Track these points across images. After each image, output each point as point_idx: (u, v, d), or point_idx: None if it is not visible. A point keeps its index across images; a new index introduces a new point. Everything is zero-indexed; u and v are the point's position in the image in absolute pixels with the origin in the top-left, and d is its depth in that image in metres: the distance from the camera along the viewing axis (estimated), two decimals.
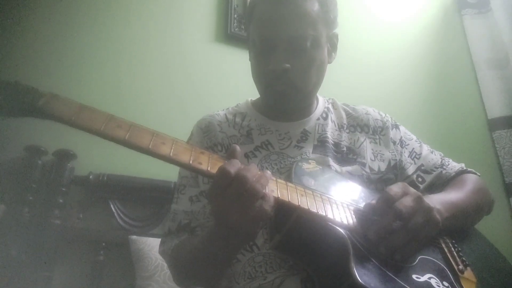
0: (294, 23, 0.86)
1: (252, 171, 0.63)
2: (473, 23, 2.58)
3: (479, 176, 1.03)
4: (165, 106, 1.72)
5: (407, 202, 0.70)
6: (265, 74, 0.91)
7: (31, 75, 1.47)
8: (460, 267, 0.79)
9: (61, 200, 1.39)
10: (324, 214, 0.68)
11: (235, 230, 0.64)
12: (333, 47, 0.98)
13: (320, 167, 0.83)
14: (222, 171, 0.61)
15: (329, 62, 0.97)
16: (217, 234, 0.69)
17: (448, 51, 2.54)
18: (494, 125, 2.39)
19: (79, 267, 1.41)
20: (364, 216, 0.73)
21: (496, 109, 2.39)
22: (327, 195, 0.73)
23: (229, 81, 1.85)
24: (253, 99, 1.05)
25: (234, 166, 0.62)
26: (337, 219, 0.69)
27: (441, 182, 1.00)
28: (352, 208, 0.75)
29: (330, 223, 0.68)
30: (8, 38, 1.52)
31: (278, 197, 0.65)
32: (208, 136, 0.96)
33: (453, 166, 1.03)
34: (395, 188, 0.73)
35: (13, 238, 1.28)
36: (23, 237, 1.30)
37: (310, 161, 0.83)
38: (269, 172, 0.66)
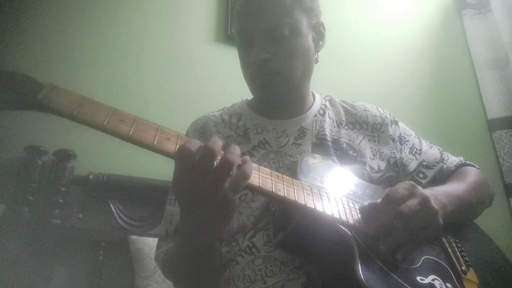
0: (268, 13, 0.87)
1: (217, 144, 0.57)
2: (473, 23, 2.57)
3: (478, 169, 1.03)
4: (165, 106, 1.72)
5: (412, 205, 0.68)
6: (249, 68, 0.91)
7: (35, 73, 1.47)
8: (463, 267, 0.78)
9: (61, 200, 1.39)
10: (330, 213, 0.67)
11: (202, 217, 0.60)
12: (319, 36, 0.97)
13: (326, 162, 0.82)
14: (183, 150, 0.55)
15: (317, 51, 0.97)
16: (185, 226, 0.66)
17: (448, 51, 2.54)
18: (494, 125, 2.38)
19: (79, 267, 1.41)
20: (369, 215, 0.72)
21: (496, 110, 2.39)
22: (333, 193, 0.72)
23: (229, 81, 1.85)
24: (248, 98, 1.04)
25: (195, 144, 0.57)
26: (343, 218, 0.68)
27: (442, 176, 1.00)
28: (357, 206, 0.74)
29: (336, 224, 0.67)
30: (11, 34, 1.52)
31: (284, 196, 0.63)
32: (204, 137, 0.94)
33: (453, 160, 1.04)
34: (401, 190, 0.71)
35: (13, 238, 1.28)
36: (23, 237, 1.30)
37: (316, 156, 0.82)
38: (237, 148, 0.60)
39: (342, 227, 0.67)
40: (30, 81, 0.51)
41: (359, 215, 0.72)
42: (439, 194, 0.78)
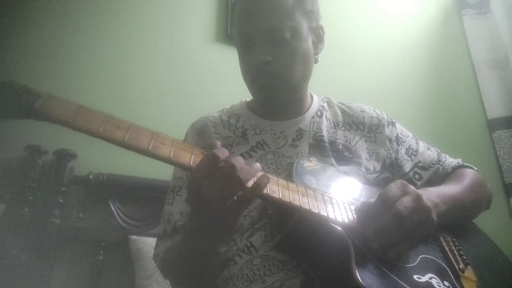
0: (269, 15, 0.87)
1: (240, 160, 0.62)
2: (473, 23, 2.58)
3: (476, 170, 1.03)
4: (165, 106, 1.72)
5: (406, 203, 0.69)
6: (249, 70, 0.92)
7: (34, 76, 1.47)
8: (461, 266, 0.79)
9: (61, 200, 1.40)
10: (325, 214, 0.68)
11: (211, 221, 0.63)
12: (318, 39, 0.97)
13: (321, 165, 0.83)
14: (213, 155, 0.60)
15: (316, 54, 0.97)
16: (192, 227, 0.68)
17: (448, 51, 2.54)
18: (493, 125, 2.39)
19: (79, 266, 1.41)
20: (364, 215, 0.72)
21: (495, 109, 2.39)
22: (329, 195, 0.73)
23: (229, 82, 1.85)
24: (247, 99, 1.05)
25: (224, 153, 0.62)
26: (339, 219, 0.69)
27: (439, 178, 1.00)
28: (353, 207, 0.75)
29: (332, 224, 0.68)
30: (10, 36, 1.52)
31: (279, 197, 0.64)
32: (203, 137, 0.95)
33: (450, 161, 1.04)
34: (394, 189, 0.72)
35: (13, 238, 1.28)
36: (23, 237, 1.30)
37: (311, 159, 0.83)
38: (258, 164, 0.65)
39: (337, 227, 0.67)
40: (27, 91, 0.52)
41: (355, 216, 0.73)
42: (432, 194, 0.78)
